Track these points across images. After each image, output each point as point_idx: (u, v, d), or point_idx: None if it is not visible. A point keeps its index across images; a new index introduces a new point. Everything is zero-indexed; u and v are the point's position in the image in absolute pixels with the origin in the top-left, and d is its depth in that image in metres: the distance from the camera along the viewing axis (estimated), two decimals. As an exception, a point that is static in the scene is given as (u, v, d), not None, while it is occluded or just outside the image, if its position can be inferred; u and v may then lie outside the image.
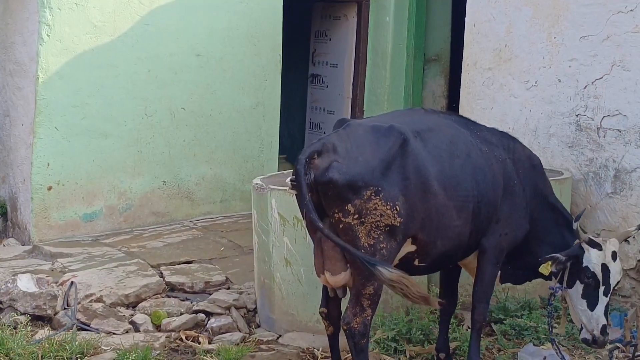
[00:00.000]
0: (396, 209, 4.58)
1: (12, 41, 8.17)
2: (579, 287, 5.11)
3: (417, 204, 4.70)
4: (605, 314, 5.07)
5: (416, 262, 4.96)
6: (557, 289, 5.15)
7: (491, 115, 7.53)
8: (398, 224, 4.60)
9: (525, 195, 5.33)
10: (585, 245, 5.07)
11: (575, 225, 5.16)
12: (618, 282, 5.18)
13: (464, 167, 4.98)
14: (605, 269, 5.04)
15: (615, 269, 5.08)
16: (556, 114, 6.98)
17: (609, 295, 5.08)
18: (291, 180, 4.71)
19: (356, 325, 4.70)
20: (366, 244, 4.59)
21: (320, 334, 5.74)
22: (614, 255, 5.08)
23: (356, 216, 4.56)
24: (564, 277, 5.16)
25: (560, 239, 5.35)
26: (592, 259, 5.05)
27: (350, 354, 4.85)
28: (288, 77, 10.43)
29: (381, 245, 4.61)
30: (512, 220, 5.25)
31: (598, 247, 5.07)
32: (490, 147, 5.26)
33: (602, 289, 5.05)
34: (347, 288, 4.82)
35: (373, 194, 4.55)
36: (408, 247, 4.84)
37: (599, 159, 6.68)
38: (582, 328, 5.13)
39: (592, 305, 5.06)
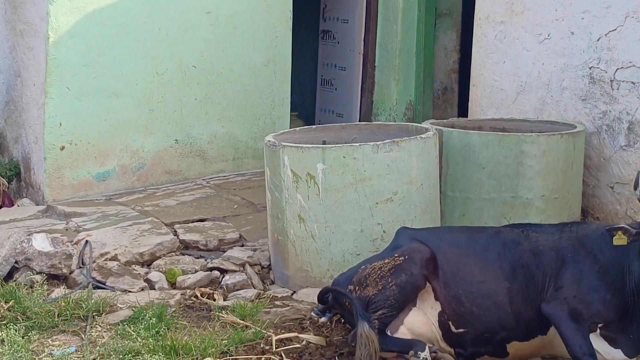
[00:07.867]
0: None
1: (21, 1, 8.14)
2: None
3: None
4: None
5: (453, 328, 4.66)
6: None
7: (504, 69, 7.48)
8: None
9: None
10: None
11: (637, 192, 4.25)
12: None
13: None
14: None
15: None
16: (569, 66, 6.93)
17: None
18: None
19: None
20: None
21: (334, 290, 5.77)
22: None
23: None
24: None
25: None
26: None
27: None
28: (299, 34, 10.36)
29: None
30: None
31: None
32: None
33: None
34: None
35: None
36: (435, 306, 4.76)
37: (613, 111, 6.63)
38: None
39: None
